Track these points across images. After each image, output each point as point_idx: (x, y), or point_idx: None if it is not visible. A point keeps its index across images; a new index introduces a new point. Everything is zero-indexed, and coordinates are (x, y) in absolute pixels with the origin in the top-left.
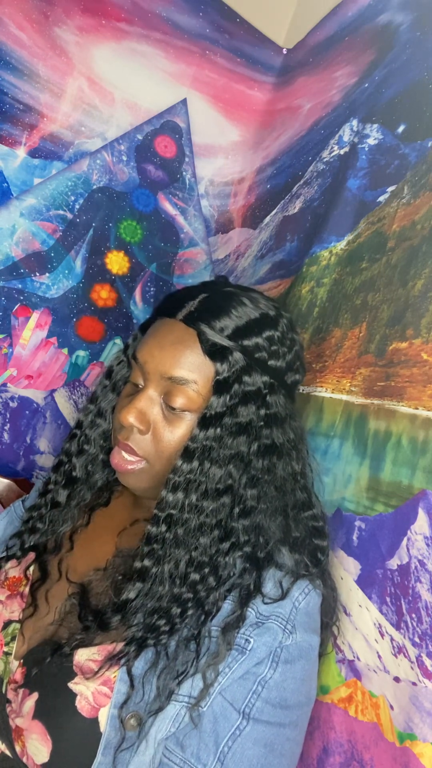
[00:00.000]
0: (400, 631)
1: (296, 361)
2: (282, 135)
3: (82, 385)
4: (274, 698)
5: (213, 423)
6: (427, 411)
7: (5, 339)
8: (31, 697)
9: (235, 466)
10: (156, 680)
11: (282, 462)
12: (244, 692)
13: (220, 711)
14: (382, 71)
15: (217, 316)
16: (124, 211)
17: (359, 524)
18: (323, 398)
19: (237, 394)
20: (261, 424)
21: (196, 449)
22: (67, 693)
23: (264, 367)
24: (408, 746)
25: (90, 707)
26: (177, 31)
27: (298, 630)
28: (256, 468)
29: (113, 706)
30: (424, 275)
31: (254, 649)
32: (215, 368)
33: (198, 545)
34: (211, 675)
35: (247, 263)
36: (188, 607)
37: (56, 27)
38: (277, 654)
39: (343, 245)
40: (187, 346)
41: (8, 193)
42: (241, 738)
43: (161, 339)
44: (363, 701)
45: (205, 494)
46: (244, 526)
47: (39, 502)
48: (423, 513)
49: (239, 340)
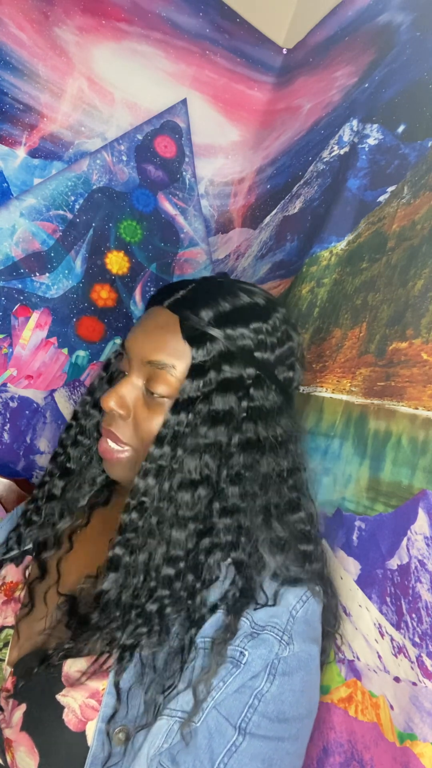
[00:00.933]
0: (400, 631)
1: (289, 356)
2: (282, 135)
3: (82, 385)
4: (272, 712)
5: (184, 408)
6: (427, 411)
7: (5, 339)
8: (20, 708)
9: (212, 456)
10: (143, 694)
11: (266, 458)
12: (240, 706)
13: (215, 726)
14: (382, 71)
15: (204, 303)
16: (124, 211)
17: (359, 524)
18: (323, 398)
19: (213, 381)
20: (243, 416)
21: (167, 434)
22: (54, 705)
23: (249, 358)
24: (408, 746)
25: (77, 720)
26: (177, 31)
27: (295, 640)
28: (237, 462)
29: (101, 720)
30: (424, 275)
31: (249, 662)
32: (192, 353)
33: (172, 537)
34: (203, 690)
35: (247, 263)
36: (165, 605)
37: (56, 27)
38: (274, 666)
39: (344, 245)
40: (167, 331)
41: (8, 193)
42: (238, 754)
43: (145, 325)
44: (363, 701)
45: (181, 484)
46: (225, 524)
47: (36, 494)
48: (423, 513)
49: (222, 327)
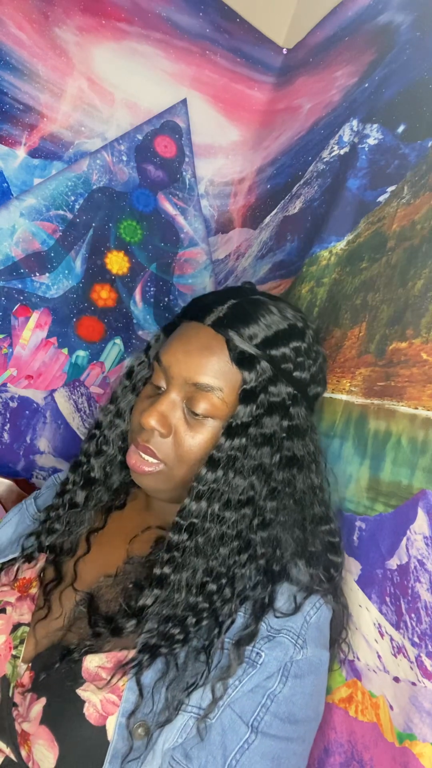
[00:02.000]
0: (400, 631)
1: (320, 373)
2: (282, 135)
3: (82, 385)
4: (283, 713)
5: (239, 432)
6: (426, 411)
7: (5, 339)
8: (39, 702)
9: (258, 477)
10: (165, 691)
11: (302, 475)
12: (253, 705)
13: (228, 723)
14: (382, 71)
15: (246, 323)
16: (124, 211)
17: (359, 524)
18: (323, 398)
19: (263, 404)
20: (284, 435)
21: (221, 458)
22: (75, 699)
23: (289, 378)
24: (407, 746)
25: (98, 715)
26: (177, 31)
27: (308, 645)
28: (276, 480)
29: (121, 714)
30: (423, 275)
31: (265, 663)
32: (242, 377)
33: (217, 555)
34: (221, 688)
35: (248, 263)
36: (203, 617)
37: (56, 27)
38: (287, 668)
39: (343, 245)
40: (214, 353)
41: (8, 193)
42: (250, 752)
43: (187, 343)
44: (363, 701)
45: (228, 504)
46: (262, 538)
47: (57, 503)
48: (422, 513)
49: (267, 349)
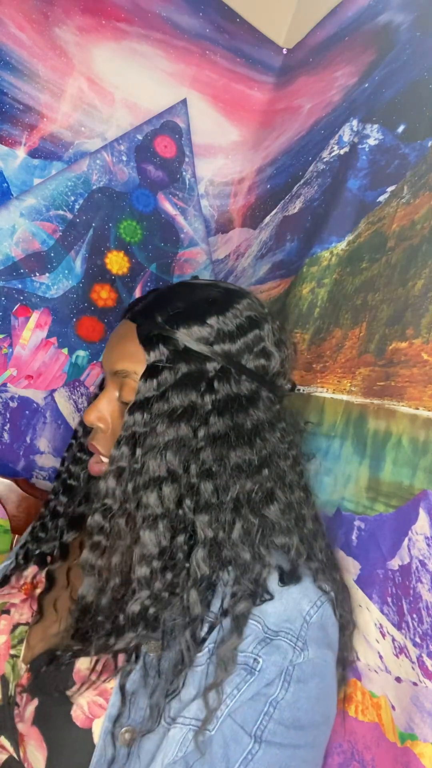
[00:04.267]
0: (402, 631)
1: (257, 343)
2: (282, 135)
3: (82, 385)
4: (287, 719)
5: (139, 408)
6: (427, 411)
7: (5, 339)
8: (32, 702)
9: (175, 453)
10: (148, 698)
11: (237, 450)
12: (255, 714)
13: (230, 734)
14: (382, 71)
15: (158, 307)
16: (124, 211)
17: (358, 524)
18: (324, 399)
19: (168, 380)
20: (209, 409)
21: (124, 435)
22: (64, 701)
23: (210, 351)
24: (409, 746)
25: (84, 717)
26: (177, 31)
27: (310, 646)
28: (207, 457)
29: (107, 719)
30: (424, 275)
31: (263, 670)
32: (146, 356)
33: (142, 537)
34: (214, 697)
35: (247, 263)
36: (146, 606)
37: (56, 27)
38: (289, 673)
39: (344, 245)
40: (126, 340)
41: (8, 193)
42: (254, 763)
43: (111, 339)
44: (363, 701)
45: (145, 484)
46: (203, 521)
47: (42, 512)
48: (424, 513)
49: (175, 326)
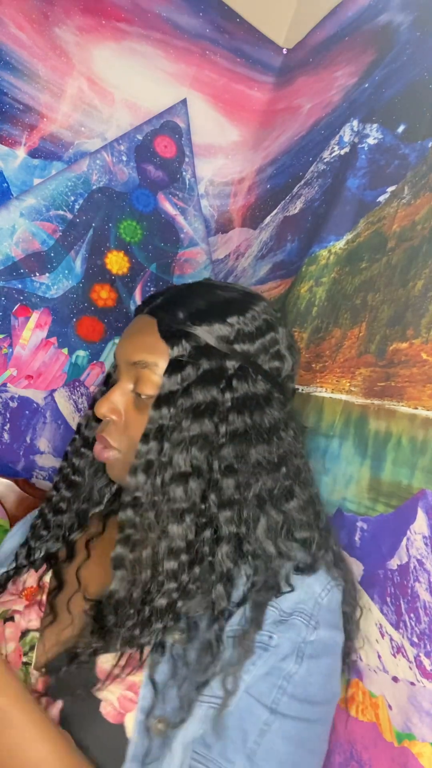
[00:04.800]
0: (399, 631)
1: (273, 345)
2: (282, 135)
3: (82, 385)
4: (301, 693)
5: (165, 402)
6: (426, 411)
7: (5, 339)
8: (55, 705)
9: (199, 448)
10: (178, 690)
11: (256, 447)
12: (270, 688)
13: (246, 708)
14: (382, 71)
15: (179, 303)
16: (124, 211)
17: (361, 525)
18: (323, 398)
19: (191, 375)
20: (228, 406)
21: (151, 430)
22: (91, 699)
23: (228, 350)
24: (406, 746)
25: (116, 713)
26: (177, 31)
27: (322, 626)
28: (228, 453)
29: (139, 711)
30: (424, 275)
31: (278, 645)
32: (169, 351)
33: (170, 530)
34: (230, 681)
35: (247, 263)
36: (174, 599)
37: (56, 27)
38: (302, 649)
39: (342, 245)
40: (146, 333)
41: (8, 193)
42: (270, 734)
43: (128, 332)
44: (363, 701)
45: (172, 478)
46: (226, 517)
47: (43, 508)
48: (422, 513)
49: (197, 323)
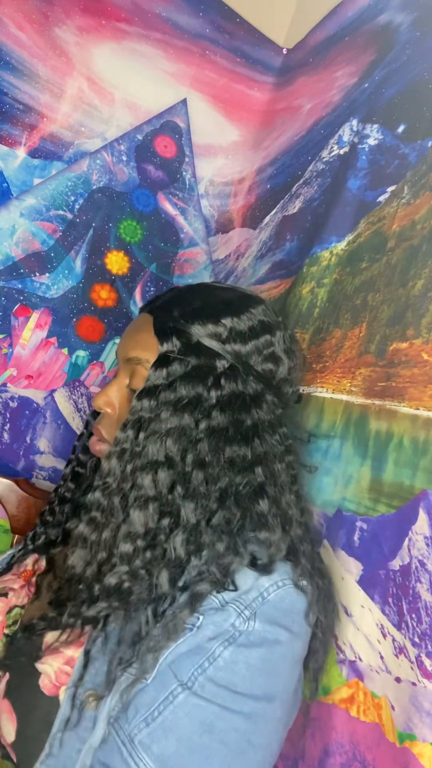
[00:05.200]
0: (401, 631)
1: (267, 347)
2: (282, 135)
3: (82, 385)
4: (221, 678)
5: (147, 395)
6: (428, 411)
7: (5, 339)
8: (4, 678)
9: (174, 441)
10: (108, 665)
11: (233, 445)
12: (190, 665)
13: (161, 680)
14: (382, 71)
15: (176, 303)
16: (124, 211)
17: (360, 525)
18: (324, 399)
19: (178, 371)
20: (212, 403)
21: (130, 420)
22: (32, 672)
23: (219, 349)
24: (407, 746)
25: (51, 685)
26: (177, 31)
27: (258, 618)
28: (203, 448)
29: (70, 683)
30: (424, 275)
31: (202, 626)
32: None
33: (131, 516)
34: (149, 659)
35: (247, 263)
36: (123, 580)
37: (56, 27)
38: (233, 636)
39: (344, 245)
40: (142, 330)
41: (8, 193)
42: (174, 706)
43: (127, 329)
44: (365, 702)
45: (142, 467)
46: (190, 508)
47: (51, 497)
48: (423, 513)
49: (190, 321)
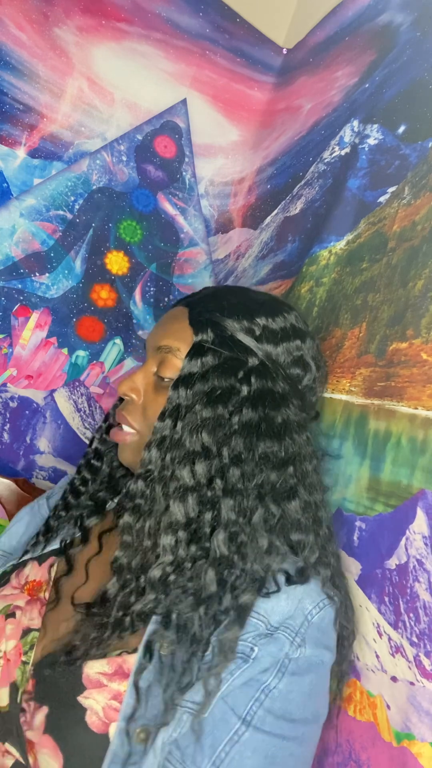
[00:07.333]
0: (398, 630)
1: (296, 351)
2: (282, 135)
3: (82, 385)
4: (278, 709)
5: (184, 384)
6: (426, 411)
7: (5, 339)
8: (41, 710)
9: (209, 432)
10: (162, 693)
11: (265, 442)
12: (246, 699)
13: (220, 716)
14: (382, 71)
15: (214, 297)
16: (123, 211)
17: (360, 524)
18: (324, 399)
19: (210, 361)
20: (243, 398)
21: (167, 409)
22: (77, 707)
23: (252, 346)
24: (406, 746)
25: (100, 722)
26: (177, 31)
27: (308, 644)
28: (237, 443)
29: (121, 719)
30: (424, 275)
31: (258, 658)
32: (194, 336)
33: (171, 505)
34: (213, 683)
35: (248, 264)
36: (167, 572)
37: (56, 27)
38: (285, 665)
39: (343, 245)
40: (176, 320)
41: (8, 194)
42: (240, 745)
43: (161, 320)
44: (361, 701)
45: (181, 456)
46: (228, 504)
47: (65, 489)
48: (421, 512)
49: (226, 314)
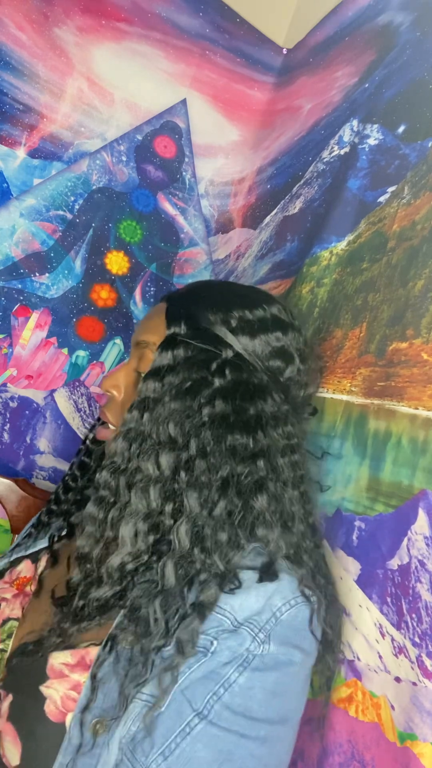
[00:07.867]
0: (401, 631)
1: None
2: (282, 135)
3: (82, 385)
4: (237, 705)
5: (153, 376)
6: (427, 411)
7: (5, 339)
8: (7, 698)
9: (176, 424)
10: (119, 686)
11: (235, 435)
12: (204, 693)
13: (176, 708)
14: (382, 71)
15: (193, 293)
16: (123, 212)
17: (359, 524)
18: (324, 399)
19: (182, 354)
20: (215, 390)
21: (136, 401)
22: (37, 697)
23: (229, 338)
24: (408, 746)
25: (58, 712)
26: (177, 31)
27: (273, 641)
28: (206, 436)
29: (78, 710)
30: (424, 275)
31: (216, 652)
32: (167, 329)
33: (134, 496)
34: (167, 678)
35: (248, 263)
36: (126, 561)
37: (56, 27)
38: (248, 660)
39: (344, 245)
40: (155, 315)
41: (8, 194)
42: (191, 737)
43: (143, 317)
44: (363, 701)
45: (147, 448)
46: (193, 496)
47: (58, 486)
48: (423, 513)
49: (202, 308)
